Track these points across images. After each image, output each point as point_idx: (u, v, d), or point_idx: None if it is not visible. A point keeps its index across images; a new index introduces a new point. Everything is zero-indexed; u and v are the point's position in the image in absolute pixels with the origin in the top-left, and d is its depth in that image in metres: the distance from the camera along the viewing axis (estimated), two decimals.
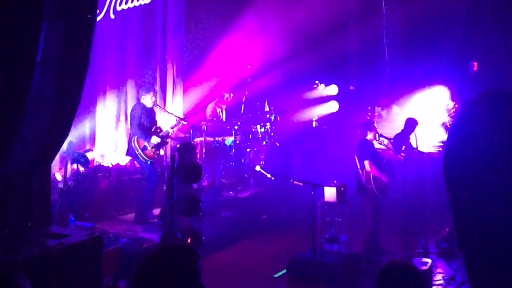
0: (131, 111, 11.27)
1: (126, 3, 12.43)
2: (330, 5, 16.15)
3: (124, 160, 12.25)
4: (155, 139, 10.98)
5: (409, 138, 11.53)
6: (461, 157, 1.18)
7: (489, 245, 1.18)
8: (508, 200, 1.22)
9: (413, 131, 11.55)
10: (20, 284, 3.23)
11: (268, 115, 13.93)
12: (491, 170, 1.19)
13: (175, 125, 11.63)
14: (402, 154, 10.82)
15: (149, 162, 10.99)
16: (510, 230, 1.25)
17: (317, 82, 16.11)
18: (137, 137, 10.92)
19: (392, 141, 11.00)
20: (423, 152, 11.32)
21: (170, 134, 11.55)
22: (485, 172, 1.18)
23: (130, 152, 11.13)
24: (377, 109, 15.24)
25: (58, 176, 10.61)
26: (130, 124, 11.18)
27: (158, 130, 11.18)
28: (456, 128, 1.20)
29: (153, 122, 11.29)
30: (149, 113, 11.24)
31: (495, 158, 1.17)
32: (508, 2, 14.56)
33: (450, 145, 1.21)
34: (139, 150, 10.88)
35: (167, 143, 11.77)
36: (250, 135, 13.42)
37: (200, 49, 14.59)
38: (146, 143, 10.91)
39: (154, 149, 10.99)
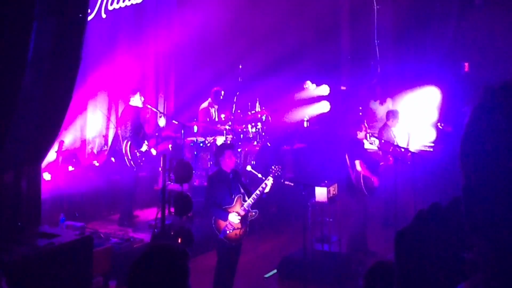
0: (123, 116, 11.11)
1: (117, 2, 12.38)
2: (321, 5, 16.17)
3: (113, 159, 12.20)
4: (145, 148, 10.99)
5: (391, 131, 11.57)
6: (479, 151, 1.17)
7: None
8: None
9: (394, 122, 11.63)
10: None
11: (259, 115, 13.91)
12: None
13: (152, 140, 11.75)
14: (389, 156, 10.89)
15: (134, 169, 10.96)
16: None
17: (307, 82, 16.09)
18: (130, 144, 10.82)
19: (383, 141, 11.03)
20: (410, 151, 11.36)
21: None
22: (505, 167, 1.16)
23: (115, 153, 11.03)
24: (373, 104, 15.17)
25: (48, 176, 10.56)
26: (123, 128, 10.98)
27: (144, 136, 11.16)
28: (475, 120, 1.17)
29: (141, 126, 11.27)
30: (138, 116, 11.20)
31: None
32: (499, 2, 14.60)
33: (468, 137, 1.18)
34: (129, 156, 10.80)
35: (150, 147, 11.71)
36: (242, 135, 13.40)
37: (192, 48, 14.56)
38: (136, 151, 10.87)
39: (141, 157, 11.00)
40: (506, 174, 1.26)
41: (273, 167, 8.51)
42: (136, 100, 11.06)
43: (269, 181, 8.30)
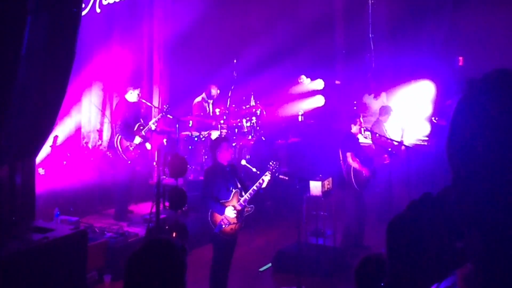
0: (116, 109, 11.20)
1: None
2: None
3: (110, 153, 12.21)
4: (138, 140, 10.96)
5: (383, 126, 11.60)
6: (466, 143, 1.16)
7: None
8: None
9: (387, 117, 11.66)
10: None
11: (253, 110, 13.91)
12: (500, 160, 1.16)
13: (157, 120, 11.57)
14: (390, 149, 10.90)
15: (129, 162, 10.98)
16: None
17: (302, 76, 16.08)
18: (120, 137, 10.86)
19: (377, 135, 11.05)
20: (405, 145, 11.37)
21: (152, 129, 11.50)
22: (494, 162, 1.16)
23: (112, 148, 11.11)
24: (367, 98, 15.18)
25: (42, 171, 10.56)
26: (115, 122, 11.07)
27: (141, 127, 11.13)
28: (460, 113, 1.16)
29: (137, 118, 11.25)
30: (133, 109, 11.19)
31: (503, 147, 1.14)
32: None
33: (453, 131, 1.18)
34: (121, 150, 10.84)
35: (148, 139, 11.62)
36: (236, 130, 13.40)
37: (187, 43, 14.53)
38: (128, 144, 10.88)
39: (136, 149, 10.99)
40: (492, 165, 1.27)
41: (271, 162, 8.49)
42: (133, 95, 11.06)
43: (267, 177, 8.28)
